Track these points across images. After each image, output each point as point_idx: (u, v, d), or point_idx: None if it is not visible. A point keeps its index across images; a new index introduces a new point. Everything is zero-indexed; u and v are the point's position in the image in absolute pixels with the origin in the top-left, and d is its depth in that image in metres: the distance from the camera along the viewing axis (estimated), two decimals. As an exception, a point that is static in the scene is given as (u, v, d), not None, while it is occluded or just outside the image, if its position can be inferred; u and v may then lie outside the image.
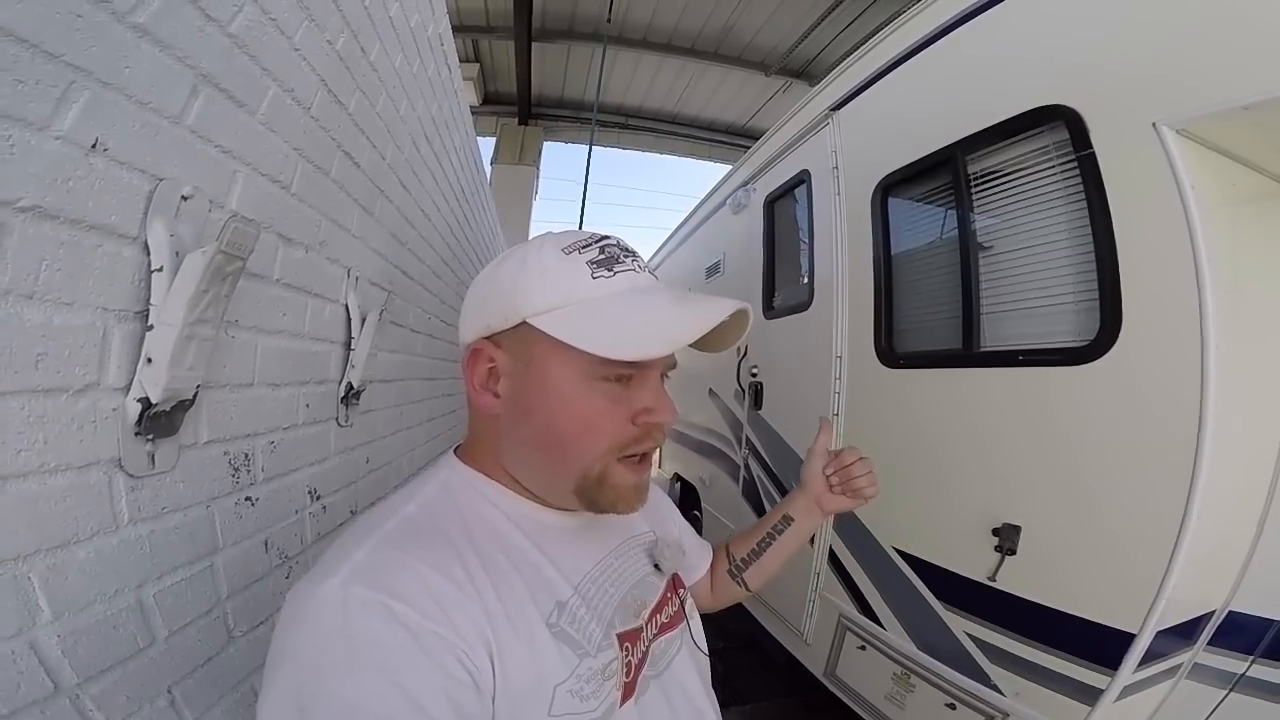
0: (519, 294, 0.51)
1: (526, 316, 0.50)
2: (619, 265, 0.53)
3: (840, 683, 1.91)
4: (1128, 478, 1.15)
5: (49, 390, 0.58)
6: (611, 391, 0.52)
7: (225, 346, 0.86)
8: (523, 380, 0.52)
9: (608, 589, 0.57)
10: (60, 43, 0.53)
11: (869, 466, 0.81)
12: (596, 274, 0.51)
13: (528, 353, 0.52)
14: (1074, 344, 1.26)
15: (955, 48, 1.62)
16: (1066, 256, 1.30)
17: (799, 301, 2.30)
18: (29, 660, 0.55)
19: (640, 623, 0.58)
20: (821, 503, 0.83)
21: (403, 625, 0.40)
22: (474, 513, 0.53)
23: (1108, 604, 1.15)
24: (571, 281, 0.51)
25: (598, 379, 0.51)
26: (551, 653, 0.47)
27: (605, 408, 0.51)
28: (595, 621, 0.52)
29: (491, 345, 0.53)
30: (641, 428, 0.53)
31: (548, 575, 0.52)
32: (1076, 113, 1.26)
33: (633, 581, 0.61)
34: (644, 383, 0.53)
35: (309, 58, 0.98)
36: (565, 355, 0.50)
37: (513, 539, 0.52)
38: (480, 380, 0.54)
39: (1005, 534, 1.32)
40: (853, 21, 6.52)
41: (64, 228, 0.57)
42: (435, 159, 1.96)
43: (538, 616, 0.48)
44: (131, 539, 0.69)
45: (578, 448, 0.51)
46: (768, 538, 0.84)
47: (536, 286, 0.51)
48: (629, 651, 0.54)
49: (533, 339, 0.51)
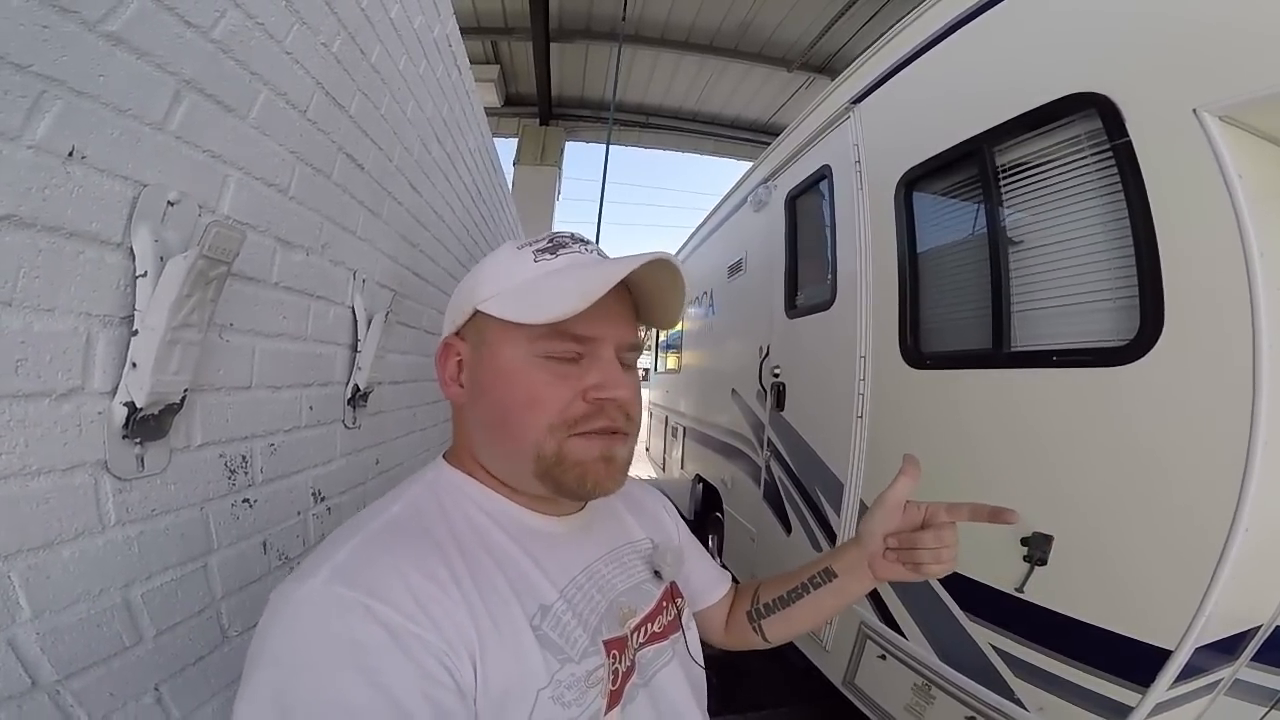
0: (474, 288, 0.56)
1: (476, 305, 0.54)
2: (564, 250, 0.56)
3: (859, 691, 1.88)
4: (1170, 486, 1.09)
5: (30, 394, 0.59)
6: (558, 369, 0.53)
7: (219, 350, 0.86)
8: (478, 365, 0.55)
9: (594, 595, 0.56)
10: (27, 53, 0.53)
11: (945, 540, 0.65)
12: (540, 259, 0.55)
13: (481, 338, 0.55)
14: (1112, 344, 1.21)
15: (978, 36, 1.57)
16: (1103, 251, 1.25)
17: (821, 300, 2.26)
18: (6, 656, 0.56)
19: (625, 631, 0.56)
20: (875, 567, 0.69)
21: (382, 625, 0.40)
22: (459, 513, 0.53)
23: (1143, 618, 1.10)
24: (517, 269, 0.55)
25: (542, 355, 0.53)
26: (534, 656, 0.46)
27: (549, 381, 0.52)
28: (581, 627, 0.51)
29: (457, 340, 0.57)
30: (592, 404, 0.53)
31: (532, 578, 0.51)
32: (1110, 100, 1.20)
33: (624, 588, 0.60)
34: (595, 360, 0.54)
35: (302, 61, 0.98)
36: (509, 334, 0.53)
37: (497, 540, 0.52)
38: (450, 374, 0.57)
39: (1035, 543, 1.27)
40: (875, 14, 6.36)
41: (41, 235, 0.58)
42: (448, 160, 1.97)
43: (522, 618, 0.47)
44: (119, 540, 0.70)
45: (521, 421, 0.52)
46: (801, 589, 0.74)
47: (487, 279, 0.55)
48: (616, 659, 0.53)
49: (483, 324, 0.55)
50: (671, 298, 0.57)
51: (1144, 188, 1.14)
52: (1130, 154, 1.17)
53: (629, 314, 0.58)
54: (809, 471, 2.24)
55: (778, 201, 2.77)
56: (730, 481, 3.29)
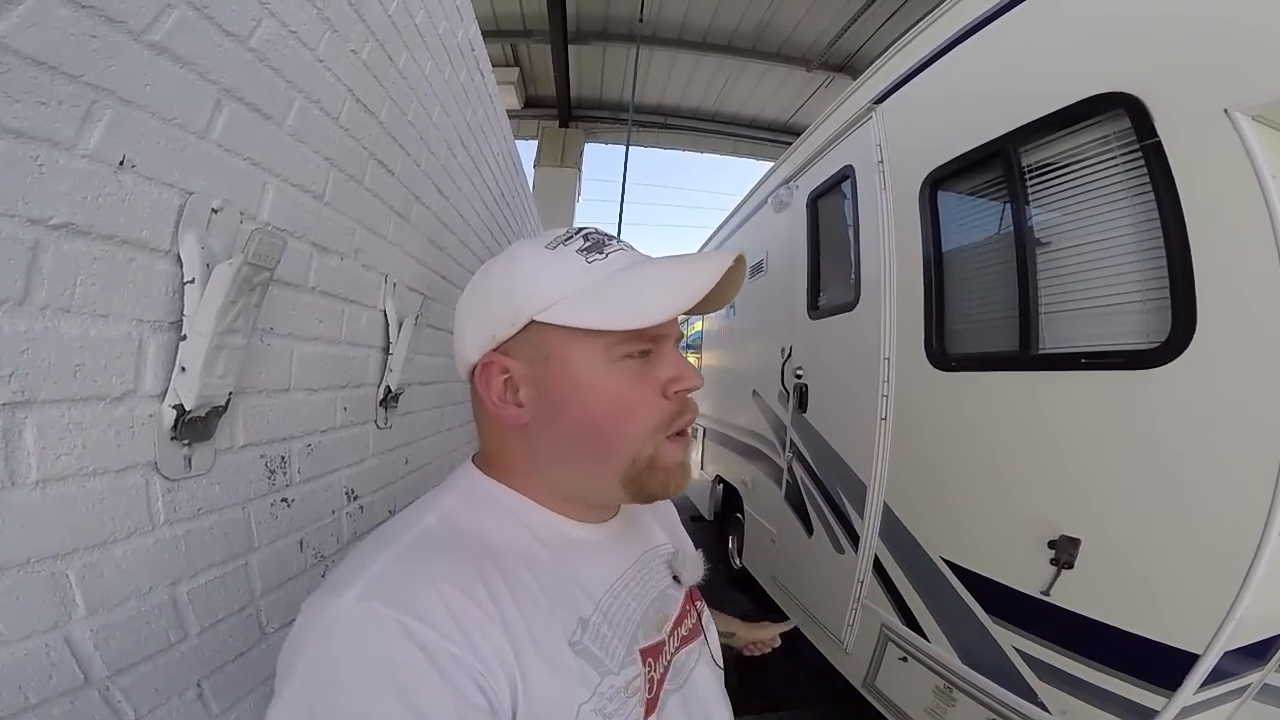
0: (518, 296, 0.50)
1: (533, 315, 0.49)
2: (608, 247, 0.52)
3: (879, 694, 1.88)
4: (1201, 490, 1.08)
5: (87, 398, 0.61)
6: (636, 369, 0.51)
7: (260, 354, 0.88)
8: (545, 380, 0.51)
9: (630, 603, 0.55)
10: (78, 63, 0.55)
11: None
12: (591, 259, 0.51)
13: (544, 350, 0.50)
14: (1142, 346, 1.19)
15: (1003, 35, 1.56)
16: (1132, 252, 1.24)
17: (845, 301, 2.25)
18: (62, 653, 0.57)
19: (663, 636, 0.56)
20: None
21: (419, 645, 0.39)
22: (496, 525, 0.51)
23: (1171, 622, 1.11)
24: (568, 271, 0.50)
25: (619, 359, 0.50)
26: (574, 672, 0.46)
27: (634, 384, 0.50)
28: (618, 638, 0.51)
29: (501, 356, 0.51)
30: (675, 400, 0.52)
31: (571, 591, 0.50)
32: (1138, 99, 1.20)
33: (654, 594, 0.60)
34: (663, 354, 0.52)
35: (334, 68, 1.00)
36: (583, 341, 0.49)
37: (536, 554, 0.51)
38: (498, 394, 0.52)
39: (1063, 546, 1.28)
40: (894, 13, 6.31)
41: (96, 243, 0.60)
42: (472, 164, 1.99)
43: (561, 635, 0.47)
44: (167, 539, 0.72)
45: (623, 431, 0.50)
46: None
47: (534, 284, 0.50)
48: (652, 666, 0.53)
49: (545, 335, 0.50)
50: (729, 292, 0.54)
51: (1175, 188, 1.13)
52: (1160, 154, 1.16)
53: None
54: (832, 473, 2.23)
55: (799, 202, 2.75)
56: (751, 482, 3.28)
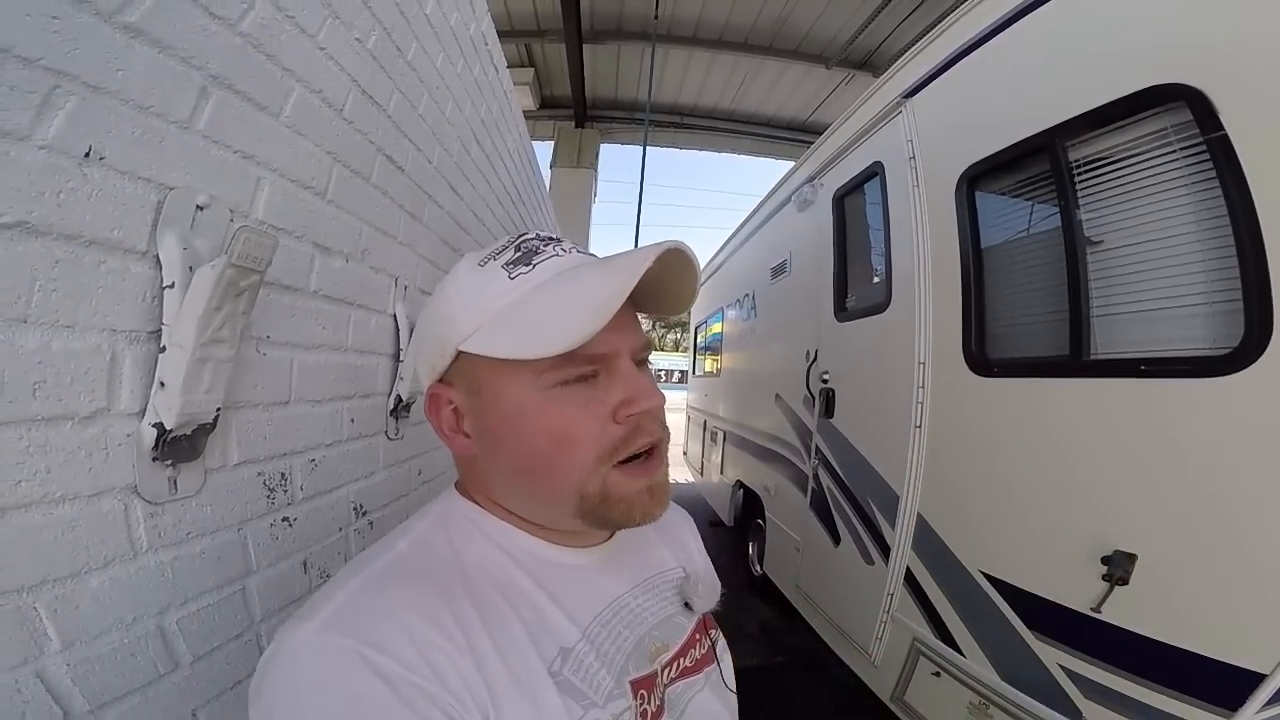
0: (445, 325, 0.48)
1: (458, 346, 0.47)
2: (538, 256, 0.48)
3: (908, 708, 1.83)
4: (1271, 504, 1.03)
5: (50, 419, 0.55)
6: (578, 395, 0.46)
7: (256, 365, 0.83)
8: (480, 412, 0.49)
9: (621, 631, 0.51)
10: (34, 46, 0.49)
11: None
12: (515, 273, 0.47)
13: (475, 382, 0.48)
14: (1210, 352, 1.12)
15: (1046, 24, 1.49)
16: (1197, 252, 1.17)
17: (875, 302, 2.16)
18: (35, 689, 0.53)
19: (656, 668, 0.51)
20: None
21: (381, 677, 0.37)
22: (471, 550, 0.48)
23: (1233, 640, 1.07)
24: (490, 292, 0.47)
25: (554, 385, 0.46)
26: (555, 706, 0.43)
27: (574, 414, 0.46)
28: (605, 668, 0.47)
29: (444, 386, 0.50)
30: (626, 424, 0.47)
31: (552, 619, 0.47)
32: (1200, 91, 1.13)
33: (654, 622, 0.54)
34: (613, 374, 0.48)
35: (336, 57, 0.93)
36: (509, 372, 0.46)
37: (513, 578, 0.48)
38: (449, 425, 0.51)
39: (1117, 562, 1.21)
40: (916, 8, 6.14)
41: (58, 244, 0.53)
42: (487, 161, 1.93)
43: (540, 666, 0.44)
44: (151, 566, 0.67)
45: (558, 464, 0.46)
46: None
47: (459, 311, 0.47)
48: (644, 700, 0.48)
49: (473, 366, 0.48)
50: (683, 284, 0.50)
51: (1245, 184, 1.06)
52: (1227, 148, 1.09)
53: (633, 311, 0.51)
54: (861, 481, 2.15)
55: (824, 200, 2.67)
56: (773, 489, 3.20)
